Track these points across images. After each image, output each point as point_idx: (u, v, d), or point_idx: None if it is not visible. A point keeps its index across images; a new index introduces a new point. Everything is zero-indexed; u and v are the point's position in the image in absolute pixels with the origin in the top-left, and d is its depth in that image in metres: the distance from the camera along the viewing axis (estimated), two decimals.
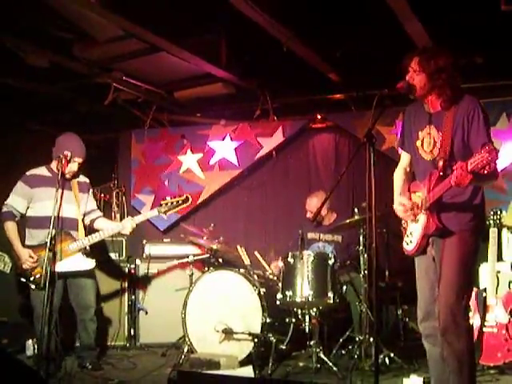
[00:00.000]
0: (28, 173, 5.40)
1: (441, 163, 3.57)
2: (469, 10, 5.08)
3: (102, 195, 7.86)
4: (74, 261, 5.29)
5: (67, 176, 5.36)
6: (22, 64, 5.99)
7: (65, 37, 5.72)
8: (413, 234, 3.74)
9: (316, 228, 6.54)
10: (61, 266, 5.15)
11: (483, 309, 5.23)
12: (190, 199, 5.61)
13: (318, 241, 6.46)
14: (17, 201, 5.30)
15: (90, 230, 5.54)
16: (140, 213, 7.72)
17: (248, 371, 5.07)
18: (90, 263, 5.39)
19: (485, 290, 5.30)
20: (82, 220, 5.50)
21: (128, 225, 5.47)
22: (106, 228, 5.50)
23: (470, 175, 3.19)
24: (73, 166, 5.36)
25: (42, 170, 5.40)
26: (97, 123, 7.99)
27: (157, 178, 8.17)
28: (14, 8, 5.06)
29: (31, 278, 5.11)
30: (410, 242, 3.77)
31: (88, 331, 5.51)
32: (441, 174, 3.54)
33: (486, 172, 3.15)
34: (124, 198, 8.15)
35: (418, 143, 3.76)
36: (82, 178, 5.63)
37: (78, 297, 5.43)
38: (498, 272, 5.35)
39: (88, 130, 6.77)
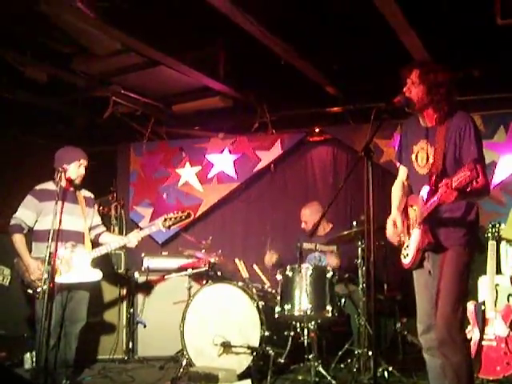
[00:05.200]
0: (37, 187, 5.41)
1: (433, 178, 3.60)
2: (465, 23, 5.11)
3: (101, 208, 7.84)
4: (81, 272, 5.30)
5: (77, 181, 5.40)
6: (21, 77, 6.00)
7: (64, 51, 5.74)
8: (409, 248, 3.76)
9: (312, 238, 6.51)
10: (68, 278, 5.18)
11: (482, 322, 5.22)
12: (192, 215, 5.65)
13: (314, 251, 6.44)
14: (26, 214, 5.31)
15: (94, 244, 5.54)
16: (138, 225, 7.77)
17: None
18: (97, 274, 5.40)
19: (483, 303, 5.29)
20: (88, 234, 5.52)
21: (134, 238, 5.49)
22: (113, 241, 5.53)
23: (454, 192, 3.21)
24: (81, 170, 5.40)
25: (49, 185, 5.41)
26: (95, 136, 8.02)
27: (155, 190, 8.19)
28: (14, 22, 5.09)
29: (38, 290, 5.11)
30: (406, 256, 3.79)
31: (71, 347, 5.41)
32: (433, 188, 3.55)
33: (470, 189, 3.16)
34: (123, 211, 8.15)
35: (413, 157, 3.79)
36: (88, 193, 5.66)
37: (71, 309, 5.40)
38: (497, 285, 5.34)
39: (87, 143, 6.76)
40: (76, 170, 5.36)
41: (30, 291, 5.18)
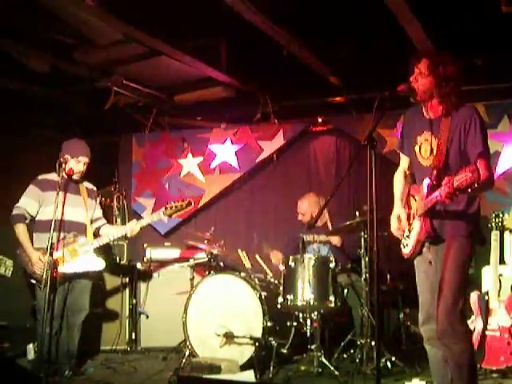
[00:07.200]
0: (39, 177, 5.44)
1: (435, 172, 3.57)
2: (469, 11, 5.07)
3: (103, 199, 7.83)
4: (85, 261, 5.31)
5: (75, 177, 5.42)
6: (23, 68, 5.98)
7: (66, 41, 5.71)
8: (409, 238, 3.76)
9: (310, 230, 6.47)
10: (71, 267, 5.19)
11: (485, 312, 5.21)
12: (193, 203, 5.66)
13: (312, 242, 6.42)
14: (29, 203, 5.31)
15: (96, 236, 5.53)
16: (141, 216, 7.74)
17: (249, 375, 5.06)
18: (100, 264, 5.41)
19: (487, 293, 5.28)
20: (90, 225, 5.52)
21: (134, 228, 5.49)
22: (114, 231, 5.54)
23: (457, 192, 3.18)
24: (79, 167, 5.39)
25: (52, 175, 5.41)
26: (97, 127, 8.00)
27: (157, 181, 8.18)
28: (15, 12, 5.06)
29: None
30: (406, 246, 3.79)
31: (74, 337, 5.44)
32: (434, 183, 3.52)
33: (471, 190, 3.13)
34: (125, 202, 8.14)
35: (417, 148, 3.76)
36: (90, 185, 5.68)
37: (73, 299, 5.40)
38: (501, 275, 5.33)
39: (89, 134, 6.76)
40: (75, 165, 5.36)
41: (33, 281, 5.18)
